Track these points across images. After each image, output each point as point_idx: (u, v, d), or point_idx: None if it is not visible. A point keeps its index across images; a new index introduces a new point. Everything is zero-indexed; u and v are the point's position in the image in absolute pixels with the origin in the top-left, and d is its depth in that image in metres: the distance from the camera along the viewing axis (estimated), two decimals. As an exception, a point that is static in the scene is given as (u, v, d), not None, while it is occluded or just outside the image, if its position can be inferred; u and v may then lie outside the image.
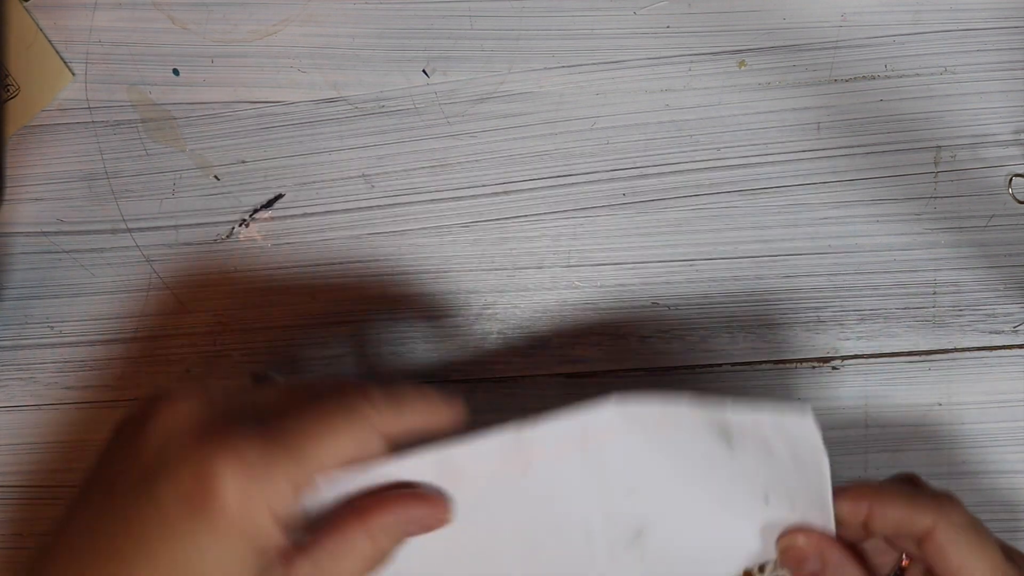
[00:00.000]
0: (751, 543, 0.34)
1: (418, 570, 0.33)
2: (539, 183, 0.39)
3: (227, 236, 0.40)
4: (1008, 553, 0.33)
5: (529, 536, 0.34)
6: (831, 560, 0.33)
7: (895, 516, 0.33)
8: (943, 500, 0.34)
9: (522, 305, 0.40)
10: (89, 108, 0.40)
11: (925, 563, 0.33)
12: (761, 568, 0.35)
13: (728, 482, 0.33)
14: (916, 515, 0.33)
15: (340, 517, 0.30)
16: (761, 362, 0.39)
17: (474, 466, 0.32)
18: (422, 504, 0.31)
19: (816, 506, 0.33)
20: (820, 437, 0.32)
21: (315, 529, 0.30)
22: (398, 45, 0.39)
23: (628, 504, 0.34)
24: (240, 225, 0.40)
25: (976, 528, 0.33)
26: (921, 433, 0.39)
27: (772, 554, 0.34)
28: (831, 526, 0.33)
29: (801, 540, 0.33)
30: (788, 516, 0.33)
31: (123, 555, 0.28)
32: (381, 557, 0.30)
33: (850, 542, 0.34)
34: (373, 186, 0.40)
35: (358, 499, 0.30)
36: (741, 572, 0.34)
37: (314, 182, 0.40)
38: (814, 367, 0.39)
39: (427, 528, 0.31)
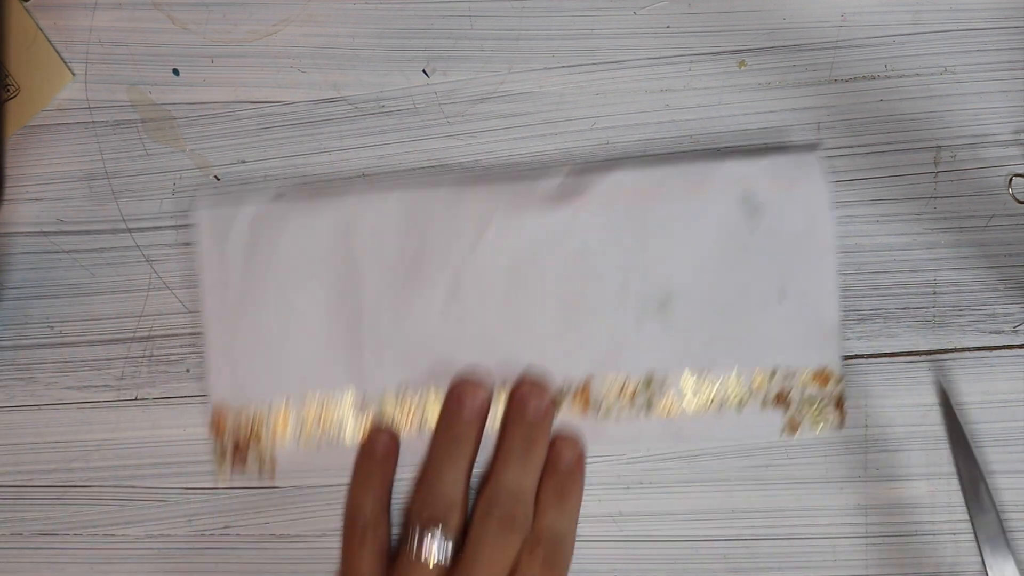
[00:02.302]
0: (761, 338, 0.38)
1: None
2: (539, 183, 0.39)
3: (227, 236, 0.40)
4: None
5: (569, 284, 0.38)
6: None
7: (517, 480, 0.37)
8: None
9: (522, 305, 0.40)
10: (89, 108, 0.40)
11: None
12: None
13: (749, 270, 0.38)
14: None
15: None
16: (761, 362, 0.39)
17: (533, 202, 0.38)
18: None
19: (825, 311, 0.38)
20: (826, 190, 0.37)
21: None
22: (398, 45, 0.39)
23: (661, 268, 0.38)
24: (240, 225, 0.40)
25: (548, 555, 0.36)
26: (921, 433, 0.39)
27: (780, 359, 0.38)
28: (835, 331, 0.38)
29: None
30: (799, 314, 0.38)
31: None
32: None
33: None
34: (373, 186, 0.40)
35: None
36: (754, 370, 0.38)
37: (314, 182, 0.40)
38: (814, 367, 0.39)
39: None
